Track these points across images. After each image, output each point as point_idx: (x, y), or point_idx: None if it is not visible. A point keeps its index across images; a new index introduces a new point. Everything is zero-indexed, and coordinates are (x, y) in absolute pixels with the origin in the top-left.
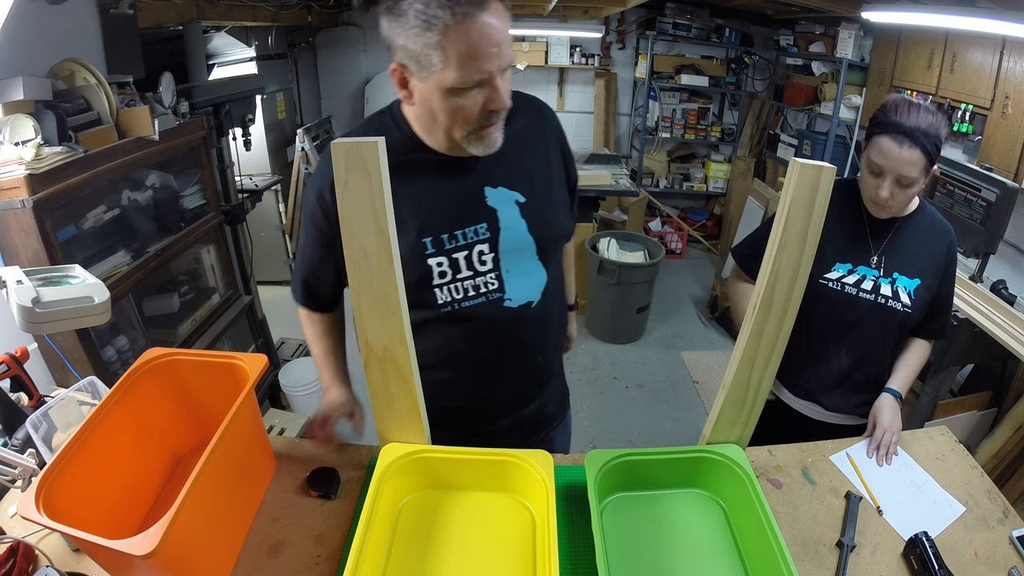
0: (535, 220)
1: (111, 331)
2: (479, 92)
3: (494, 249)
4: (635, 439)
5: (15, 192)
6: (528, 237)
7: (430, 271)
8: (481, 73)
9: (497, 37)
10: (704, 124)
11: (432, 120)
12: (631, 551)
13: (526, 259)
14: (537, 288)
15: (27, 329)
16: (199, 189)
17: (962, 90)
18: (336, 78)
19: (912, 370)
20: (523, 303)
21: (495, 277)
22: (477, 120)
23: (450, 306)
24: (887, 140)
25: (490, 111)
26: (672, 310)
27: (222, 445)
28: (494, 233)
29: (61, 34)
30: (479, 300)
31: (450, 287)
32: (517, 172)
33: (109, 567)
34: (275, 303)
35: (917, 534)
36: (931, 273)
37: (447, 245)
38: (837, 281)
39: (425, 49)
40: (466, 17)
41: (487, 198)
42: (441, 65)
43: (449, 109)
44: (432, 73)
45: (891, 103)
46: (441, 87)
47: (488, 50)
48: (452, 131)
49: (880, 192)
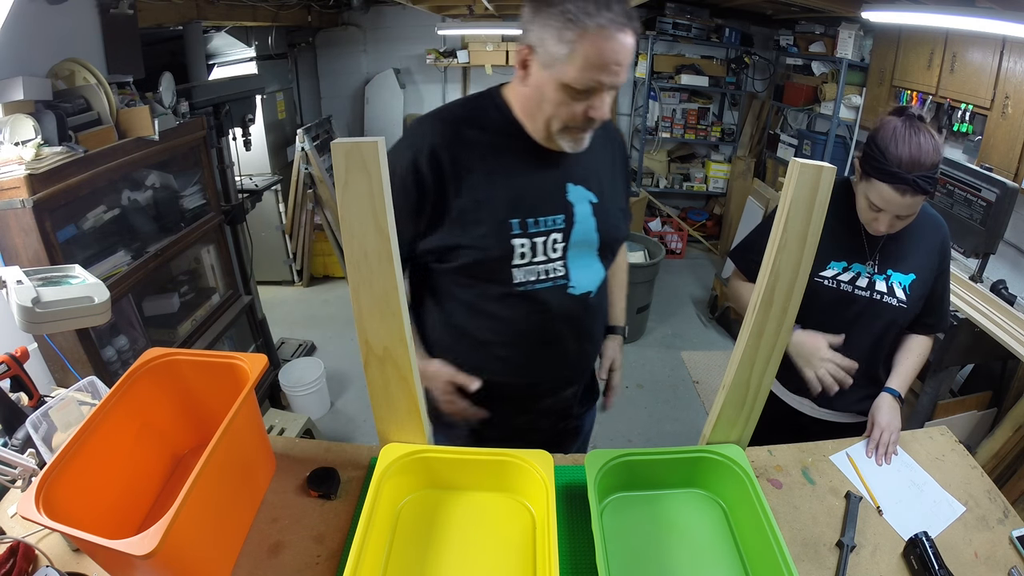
0: (603, 220)
1: (111, 331)
2: (586, 97)
3: (566, 240)
4: (635, 439)
5: (15, 192)
6: (595, 235)
7: (512, 250)
8: (595, 82)
9: (621, 58)
10: (704, 124)
11: (537, 106)
12: (631, 551)
13: (589, 254)
14: (595, 281)
15: (27, 329)
16: (199, 189)
17: (962, 90)
18: (336, 78)
19: (912, 368)
20: (583, 292)
21: (562, 265)
22: (575, 120)
23: (523, 286)
24: (888, 189)
25: (589, 117)
26: (672, 310)
27: (222, 445)
28: (568, 225)
29: (61, 34)
30: (548, 284)
31: (526, 268)
32: (593, 175)
33: (109, 567)
34: (275, 303)
35: (917, 534)
36: (926, 267)
37: (530, 229)
38: (833, 279)
39: (558, 42)
40: (603, 30)
41: (568, 193)
42: (566, 61)
43: (556, 101)
44: (555, 65)
45: (888, 138)
46: (558, 80)
47: (609, 65)
48: (551, 122)
49: (878, 227)
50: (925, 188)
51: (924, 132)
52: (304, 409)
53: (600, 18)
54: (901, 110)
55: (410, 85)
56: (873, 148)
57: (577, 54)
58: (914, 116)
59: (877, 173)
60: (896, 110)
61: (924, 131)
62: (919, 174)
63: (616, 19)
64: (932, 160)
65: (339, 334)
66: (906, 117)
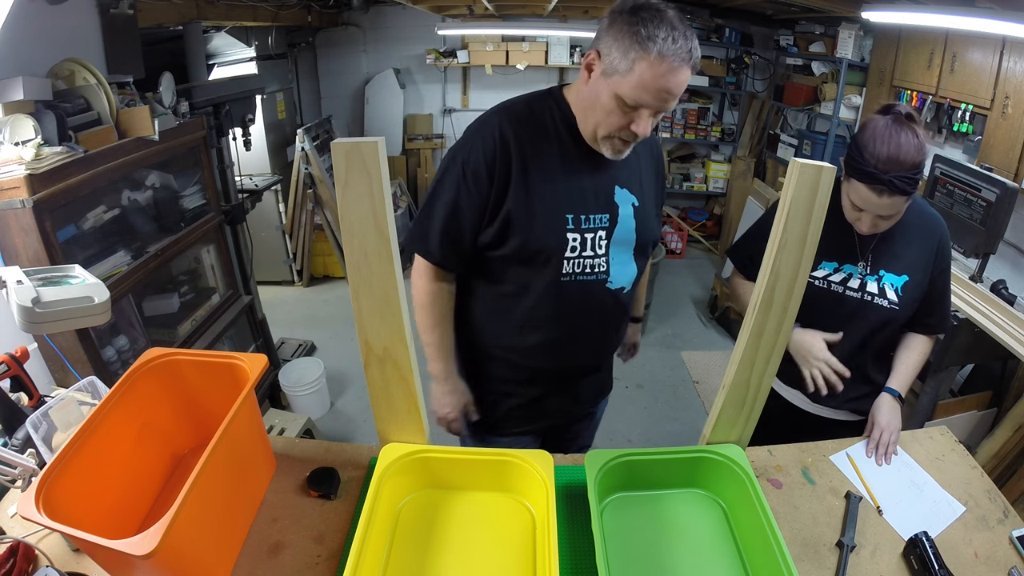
0: (642, 223)
1: (111, 331)
2: (632, 113)
3: (609, 237)
4: (635, 439)
5: (15, 192)
6: (634, 235)
7: (566, 243)
8: (644, 102)
9: (672, 88)
10: (704, 124)
11: (590, 110)
12: (631, 551)
13: (627, 252)
14: (630, 278)
15: (27, 329)
16: (199, 189)
17: (962, 90)
18: (336, 78)
19: (912, 368)
20: (619, 287)
21: (604, 261)
22: (618, 131)
23: (570, 276)
24: (865, 189)
25: (631, 131)
26: (672, 310)
27: (222, 445)
28: (612, 224)
29: (61, 34)
30: (591, 277)
31: (575, 261)
32: (636, 180)
33: (109, 567)
34: (275, 303)
35: (917, 534)
36: (920, 269)
37: (582, 225)
38: (824, 279)
39: (623, 57)
40: (664, 60)
41: (615, 195)
42: (624, 75)
43: (607, 109)
44: (614, 76)
45: (868, 138)
46: (613, 90)
47: (660, 92)
48: (598, 127)
49: (861, 227)
50: (903, 189)
51: (907, 131)
52: (304, 409)
53: (665, 48)
54: (888, 108)
55: (410, 85)
56: (853, 147)
57: (635, 72)
58: (900, 114)
59: (855, 173)
60: (884, 108)
61: (907, 129)
62: (897, 175)
63: (679, 53)
64: (912, 160)
65: (339, 334)
66: (892, 115)
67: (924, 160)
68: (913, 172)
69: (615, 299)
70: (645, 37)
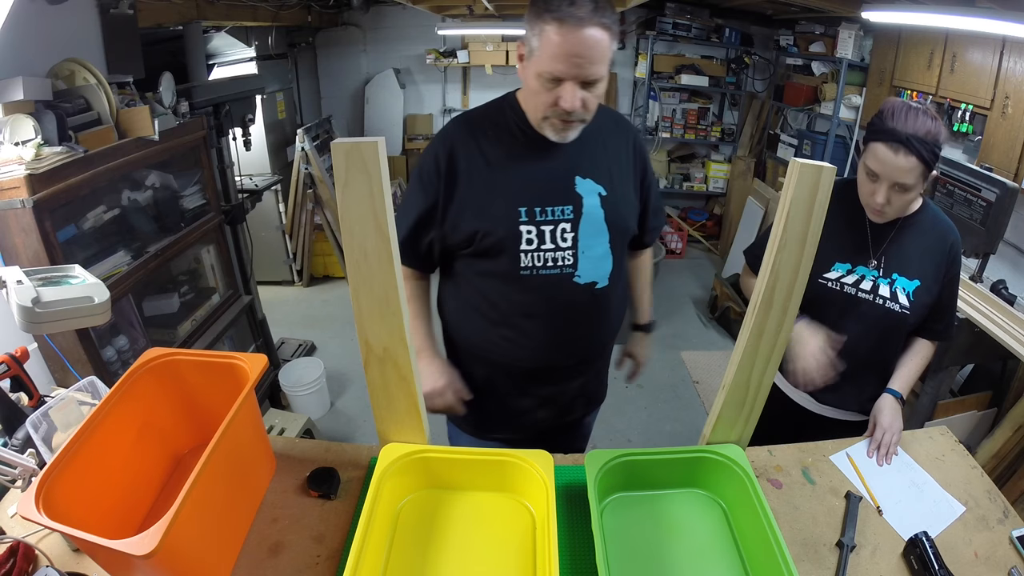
0: (612, 212)
1: (111, 331)
2: (556, 88)
3: (575, 230)
4: (635, 439)
5: (15, 192)
6: (603, 226)
7: (519, 236)
8: (559, 72)
9: (582, 51)
10: (704, 124)
11: (527, 98)
12: (631, 551)
13: (600, 245)
14: (605, 272)
15: (27, 329)
16: (199, 189)
17: (962, 90)
18: (336, 78)
19: (914, 370)
20: (589, 282)
21: (572, 255)
22: (549, 110)
23: (528, 270)
24: (883, 147)
25: (560, 108)
26: (672, 310)
27: (222, 445)
28: (577, 216)
29: (61, 34)
30: (554, 271)
31: (533, 254)
32: (602, 169)
33: (109, 567)
34: (275, 303)
35: (917, 534)
36: (931, 274)
37: (537, 217)
38: (836, 281)
39: (532, 36)
40: (564, 23)
41: (576, 185)
42: (536, 52)
43: (534, 90)
44: (532, 57)
45: (888, 108)
46: (534, 71)
47: (570, 57)
48: (535, 111)
49: (876, 198)
50: (919, 151)
51: (923, 112)
52: (304, 409)
53: (563, 11)
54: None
55: (410, 85)
56: (873, 118)
57: (543, 44)
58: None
59: (873, 134)
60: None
61: (924, 111)
62: (914, 135)
63: (577, 13)
64: (928, 127)
65: (339, 334)
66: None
67: (940, 137)
68: (929, 139)
69: (589, 295)
70: (544, 9)
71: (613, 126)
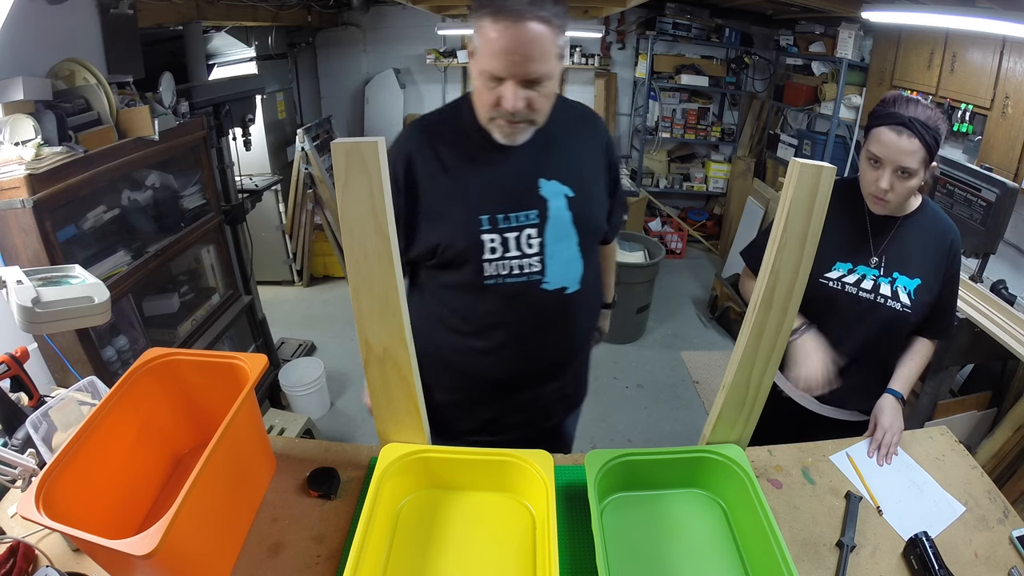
0: (580, 214)
1: (111, 331)
2: (498, 87)
3: (541, 235)
4: (635, 439)
5: (15, 192)
6: (572, 228)
7: (482, 245)
8: (497, 70)
9: (519, 47)
10: (704, 124)
11: (475, 96)
12: (631, 551)
13: (568, 248)
14: (575, 276)
15: (27, 329)
16: (199, 189)
17: (962, 90)
18: (336, 78)
19: (914, 370)
20: (558, 287)
21: (539, 260)
22: (493, 111)
23: (493, 279)
24: (886, 130)
25: (504, 109)
26: (672, 310)
27: (222, 445)
28: (542, 220)
29: (61, 34)
30: (521, 279)
31: (498, 263)
32: (570, 170)
33: (109, 567)
34: (275, 303)
35: (917, 534)
36: (932, 273)
37: (500, 224)
38: (837, 280)
39: (475, 35)
40: (499, 19)
41: (540, 188)
42: (479, 50)
43: (479, 90)
44: (475, 56)
45: (890, 97)
46: (477, 70)
47: (508, 54)
48: (482, 111)
49: (880, 183)
50: (921, 134)
51: (924, 103)
52: (304, 409)
53: (496, 5)
54: None
55: (410, 85)
56: (875, 107)
57: (483, 42)
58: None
59: (875, 120)
60: None
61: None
62: (916, 118)
63: (513, 6)
64: (929, 116)
65: (339, 334)
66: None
67: (940, 125)
68: (931, 124)
69: (557, 301)
70: (481, 6)
71: (580, 122)
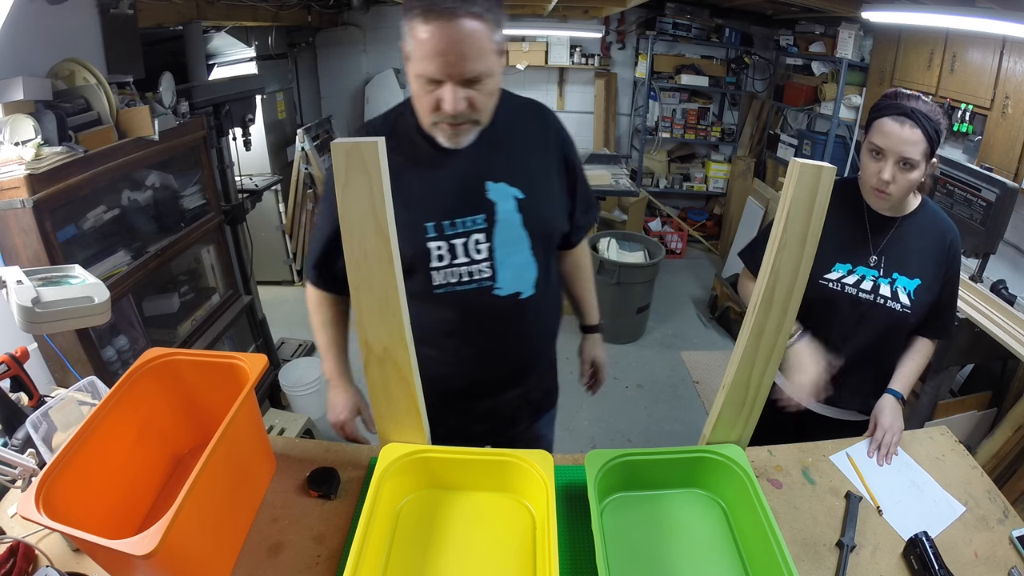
0: (531, 216)
1: (111, 331)
2: (437, 90)
3: (489, 239)
4: (635, 439)
5: (15, 192)
6: (523, 231)
7: (428, 253)
8: (432, 73)
9: (451, 45)
10: (704, 124)
11: (415, 101)
12: (631, 551)
13: (520, 252)
14: (528, 281)
15: (27, 329)
16: (199, 189)
17: (962, 90)
18: (336, 78)
19: (914, 370)
20: (511, 293)
21: (489, 266)
22: (435, 114)
23: (443, 288)
24: (888, 120)
25: (445, 112)
26: (672, 310)
27: (222, 445)
28: (491, 224)
29: (61, 34)
30: (471, 286)
31: (446, 271)
32: (518, 170)
33: (109, 567)
34: (275, 303)
35: (917, 534)
36: (932, 273)
37: (447, 231)
38: (837, 281)
39: (406, 38)
40: (428, 20)
41: (488, 191)
42: (412, 55)
43: (418, 94)
44: (409, 61)
45: (891, 92)
46: (413, 74)
47: (440, 55)
48: (423, 115)
49: (882, 175)
50: (923, 124)
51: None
52: (304, 409)
53: (425, 3)
54: None
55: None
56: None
57: (415, 44)
58: None
59: (877, 112)
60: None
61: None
62: (917, 109)
63: (444, 3)
64: (931, 109)
65: None
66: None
67: (941, 119)
68: (933, 116)
69: (512, 307)
70: (409, 8)
71: (529, 118)
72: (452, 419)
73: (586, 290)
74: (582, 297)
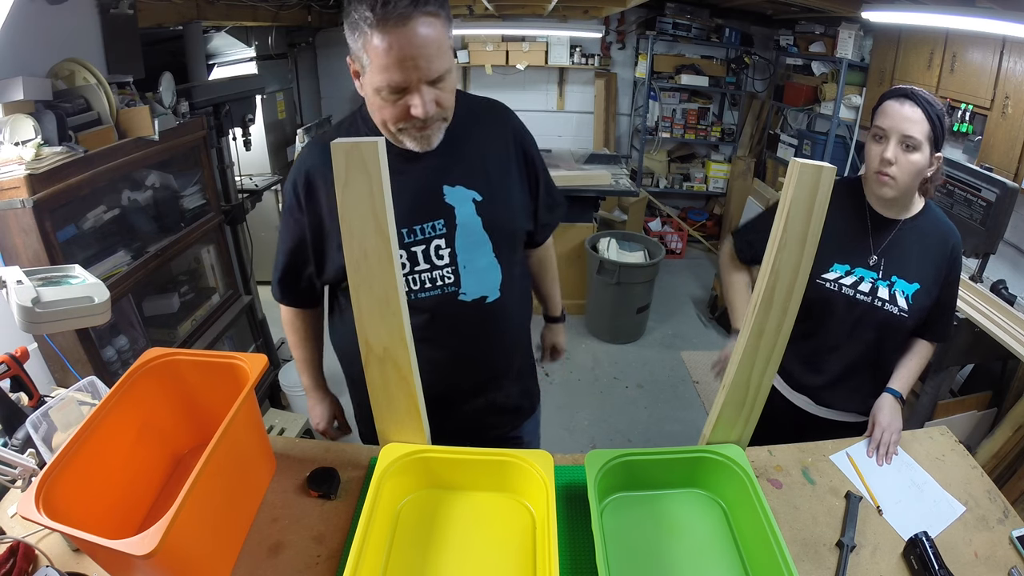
0: (491, 218)
1: (111, 331)
2: (403, 97)
3: (451, 244)
4: (635, 439)
5: (15, 192)
6: (483, 234)
7: None
8: (397, 83)
9: (418, 50)
10: (704, 124)
11: (373, 113)
12: (631, 551)
13: (482, 256)
14: (493, 284)
15: (27, 329)
16: (199, 189)
17: (962, 90)
18: (336, 78)
19: (913, 371)
20: (477, 297)
21: (452, 272)
22: (403, 121)
23: (409, 295)
24: (890, 102)
25: (415, 117)
26: (672, 310)
27: (222, 445)
28: (451, 229)
29: (61, 34)
30: (435, 292)
31: (409, 278)
32: (475, 172)
33: (109, 567)
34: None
35: (917, 534)
36: (932, 277)
37: (406, 239)
38: (835, 282)
39: (358, 49)
40: (385, 27)
41: (445, 196)
42: (368, 67)
43: (378, 106)
44: (364, 73)
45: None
46: (371, 86)
47: (402, 62)
48: (388, 125)
49: (885, 154)
50: (925, 106)
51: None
52: (304, 409)
53: (378, 11)
54: None
55: None
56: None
57: (372, 59)
58: None
59: (881, 99)
60: None
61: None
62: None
63: (397, 7)
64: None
65: None
66: None
67: (943, 110)
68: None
69: (478, 311)
70: (358, 18)
71: (483, 116)
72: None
73: (552, 287)
74: (548, 294)
